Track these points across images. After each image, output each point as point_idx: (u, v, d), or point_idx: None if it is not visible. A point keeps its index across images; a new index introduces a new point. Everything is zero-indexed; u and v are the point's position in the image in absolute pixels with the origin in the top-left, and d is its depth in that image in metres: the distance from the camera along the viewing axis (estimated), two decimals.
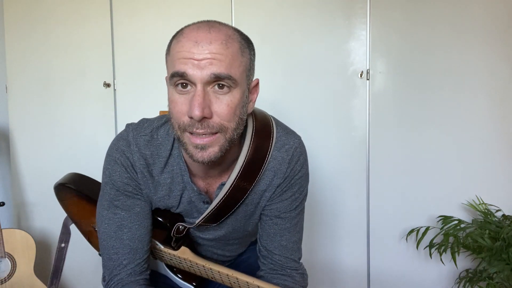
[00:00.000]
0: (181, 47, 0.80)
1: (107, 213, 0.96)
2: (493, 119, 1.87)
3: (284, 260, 1.01)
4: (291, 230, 1.01)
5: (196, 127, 0.80)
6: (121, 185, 0.94)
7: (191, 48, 0.78)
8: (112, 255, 0.96)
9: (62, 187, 1.19)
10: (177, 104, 0.81)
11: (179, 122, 0.82)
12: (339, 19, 1.92)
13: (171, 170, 0.95)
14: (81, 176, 1.24)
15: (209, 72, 0.78)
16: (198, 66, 0.78)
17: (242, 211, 0.99)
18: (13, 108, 2.06)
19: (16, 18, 2.02)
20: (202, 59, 0.78)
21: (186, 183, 0.95)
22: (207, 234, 1.04)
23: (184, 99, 0.81)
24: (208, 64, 0.78)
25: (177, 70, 0.79)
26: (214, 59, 0.78)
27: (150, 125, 0.95)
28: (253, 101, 0.91)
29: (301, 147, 0.98)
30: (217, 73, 0.78)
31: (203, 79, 0.78)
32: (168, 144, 0.94)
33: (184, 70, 0.78)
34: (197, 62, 0.78)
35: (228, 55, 0.79)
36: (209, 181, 0.97)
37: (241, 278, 0.94)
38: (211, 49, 0.78)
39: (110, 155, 0.95)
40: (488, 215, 1.78)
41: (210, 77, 0.78)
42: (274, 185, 0.97)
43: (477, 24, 1.84)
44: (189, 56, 0.78)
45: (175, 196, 0.97)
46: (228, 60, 0.79)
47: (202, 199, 0.96)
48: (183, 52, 0.79)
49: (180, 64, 0.79)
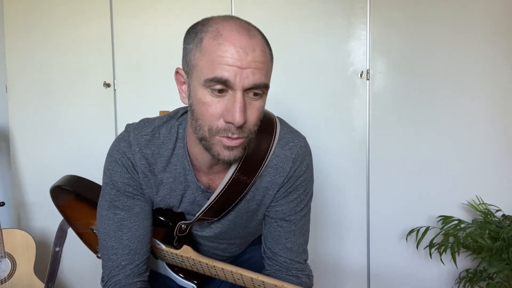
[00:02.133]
0: (224, 51, 0.77)
1: (107, 213, 0.96)
2: (493, 119, 1.87)
3: (290, 262, 1.01)
4: (296, 232, 1.00)
5: (232, 131, 0.80)
6: (122, 185, 0.94)
7: (235, 54, 0.77)
8: (111, 255, 0.96)
9: (58, 189, 1.19)
10: (211, 107, 0.80)
11: (211, 126, 0.81)
12: (339, 19, 1.92)
13: (173, 169, 0.95)
14: (77, 178, 1.23)
15: (252, 81, 0.78)
16: (241, 74, 0.77)
17: (244, 207, 0.99)
18: (13, 108, 2.06)
19: (16, 18, 2.02)
20: (246, 68, 0.77)
21: (190, 181, 0.95)
22: (208, 231, 1.04)
23: (219, 103, 0.79)
24: (251, 74, 0.78)
25: (220, 76, 0.77)
26: (257, 69, 0.78)
27: (151, 124, 0.95)
28: None
29: (306, 147, 0.98)
30: (259, 83, 0.79)
31: (244, 87, 0.78)
32: (170, 143, 0.94)
33: (227, 77, 0.77)
34: (241, 70, 0.77)
35: (266, 63, 0.80)
36: (212, 177, 0.96)
37: (245, 274, 0.95)
38: (255, 57, 0.78)
39: (111, 155, 0.95)
40: (488, 215, 1.78)
41: (252, 86, 0.78)
42: (277, 184, 0.96)
43: (477, 24, 1.84)
44: (234, 63, 0.77)
45: (176, 196, 0.97)
46: (266, 69, 0.81)
47: (206, 196, 0.96)
48: (226, 58, 0.77)
49: (223, 71, 0.77)
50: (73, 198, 1.19)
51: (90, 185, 1.20)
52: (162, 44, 1.98)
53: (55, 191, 1.20)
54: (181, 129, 0.94)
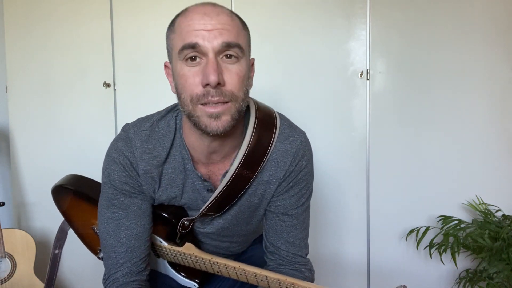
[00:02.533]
0: (189, 20, 0.82)
1: (106, 212, 0.97)
2: (493, 119, 1.87)
3: (292, 256, 1.02)
4: (298, 226, 1.01)
5: (211, 94, 0.81)
6: (119, 184, 0.95)
7: (200, 19, 0.81)
8: (110, 253, 0.97)
9: (60, 188, 1.19)
10: (189, 77, 0.83)
11: (192, 94, 0.83)
12: (339, 19, 1.92)
13: (173, 160, 0.96)
14: (79, 177, 1.23)
15: (220, 41, 0.80)
16: (209, 36, 0.80)
17: (246, 202, 0.99)
18: (13, 108, 2.06)
19: (16, 18, 2.02)
20: (212, 29, 0.81)
21: (189, 171, 0.96)
22: (210, 227, 1.04)
23: (196, 71, 0.82)
24: (218, 34, 0.81)
25: (188, 42, 0.81)
26: (223, 29, 0.81)
27: (150, 119, 0.97)
28: (251, 78, 0.93)
29: (306, 142, 0.99)
30: (228, 42, 0.81)
31: (215, 48, 0.81)
32: (170, 134, 0.95)
33: (195, 41, 0.80)
34: (208, 33, 0.80)
35: (235, 26, 0.84)
36: (211, 168, 0.97)
37: (248, 270, 0.95)
38: (220, 19, 0.81)
39: (109, 155, 0.97)
40: (488, 215, 1.78)
41: (222, 45, 0.81)
42: (278, 177, 0.97)
43: (477, 24, 1.84)
44: (199, 27, 0.81)
45: (177, 185, 0.98)
46: (236, 30, 0.83)
47: (206, 186, 0.97)
48: (192, 24, 0.82)
49: (191, 36, 0.81)
50: (75, 197, 1.19)
51: (92, 184, 1.21)
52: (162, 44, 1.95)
53: (57, 190, 1.20)
54: (178, 119, 0.96)
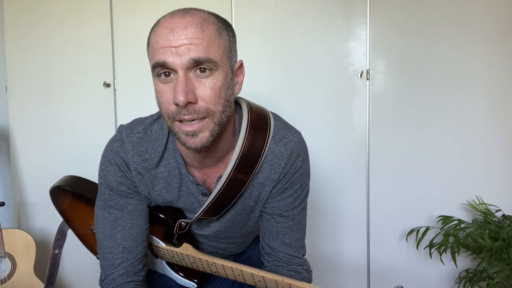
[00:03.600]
0: (157, 36, 0.80)
1: (103, 213, 0.97)
2: (493, 119, 1.87)
3: (289, 257, 1.01)
4: (294, 228, 1.01)
5: (183, 113, 0.80)
6: (115, 184, 0.95)
7: (167, 35, 0.79)
8: (107, 254, 0.97)
9: (58, 190, 1.19)
10: (163, 94, 0.82)
11: (168, 112, 0.82)
12: (339, 19, 1.92)
13: (167, 164, 0.95)
14: (77, 178, 1.23)
15: (188, 57, 0.78)
16: (177, 53, 0.78)
17: (242, 204, 0.99)
18: (13, 108, 2.06)
19: (16, 18, 2.02)
20: (179, 46, 0.78)
21: (183, 175, 0.96)
22: (207, 230, 1.04)
23: (169, 88, 0.81)
24: (186, 50, 0.78)
25: (157, 60, 0.80)
26: (191, 44, 0.78)
27: (143, 122, 0.97)
28: (239, 83, 0.91)
29: (301, 142, 0.98)
30: (196, 58, 0.78)
31: (183, 65, 0.78)
32: (163, 138, 0.95)
33: (163, 59, 0.79)
34: (175, 49, 0.78)
35: (204, 38, 0.79)
36: (205, 172, 0.97)
37: (246, 270, 0.95)
38: (187, 34, 0.78)
39: (104, 156, 0.97)
40: (488, 215, 1.78)
41: (190, 62, 0.78)
42: (273, 180, 0.96)
43: (477, 24, 1.84)
44: (166, 44, 0.78)
45: (173, 189, 0.97)
46: (206, 43, 0.79)
47: (200, 190, 0.96)
48: (160, 41, 0.79)
49: (159, 54, 0.79)
50: (73, 198, 1.20)
51: (89, 185, 1.21)
52: None
53: (55, 191, 1.20)
54: None
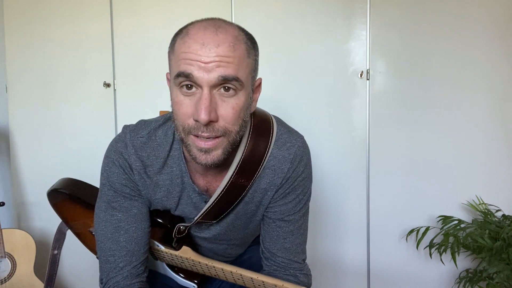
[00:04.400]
0: (187, 47, 0.78)
1: (104, 214, 0.95)
2: (493, 119, 1.87)
3: (288, 262, 1.00)
4: (294, 232, 1.00)
5: (201, 130, 0.79)
6: (119, 186, 0.94)
7: (198, 50, 0.76)
8: (109, 257, 0.95)
9: (55, 193, 1.19)
10: (182, 106, 0.80)
11: (184, 125, 0.81)
12: (339, 19, 1.92)
13: (170, 172, 0.94)
14: (74, 181, 1.23)
15: (217, 74, 0.76)
16: (205, 69, 0.76)
17: (243, 209, 0.98)
18: (13, 108, 2.06)
19: (16, 18, 2.02)
20: (209, 62, 0.76)
21: (186, 184, 0.95)
22: (207, 232, 1.03)
23: (190, 101, 0.79)
24: (215, 67, 0.76)
25: (182, 70, 0.77)
26: (221, 62, 0.76)
27: (148, 126, 0.95)
28: (255, 100, 0.90)
29: (304, 147, 0.97)
30: (225, 75, 0.77)
31: (210, 82, 0.77)
32: (167, 145, 0.93)
33: (190, 71, 0.77)
34: (204, 65, 0.76)
35: (235, 58, 0.78)
36: (209, 179, 0.96)
37: (245, 274, 0.94)
38: (219, 51, 0.76)
39: (108, 156, 0.95)
40: (488, 215, 1.78)
41: (218, 79, 0.77)
42: (276, 184, 0.96)
43: (477, 24, 1.84)
44: (196, 58, 0.76)
45: (173, 198, 0.97)
46: (236, 63, 0.78)
47: (203, 199, 0.96)
48: (189, 53, 0.77)
49: (186, 65, 0.77)
50: (70, 201, 1.19)
51: (86, 187, 1.21)
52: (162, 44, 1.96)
53: (52, 194, 1.19)
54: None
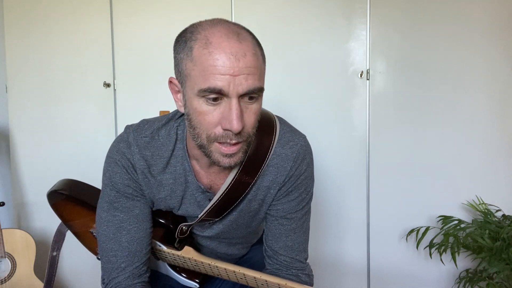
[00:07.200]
0: (214, 60, 0.76)
1: (107, 215, 0.95)
2: (493, 119, 1.87)
3: (290, 260, 1.01)
4: (297, 231, 1.01)
5: (230, 138, 0.80)
6: (122, 186, 0.94)
7: (226, 61, 0.76)
8: (111, 257, 0.96)
9: (55, 194, 1.18)
10: (208, 116, 0.80)
11: (209, 133, 0.81)
12: (339, 19, 1.92)
13: (173, 171, 0.95)
14: (73, 181, 1.23)
15: (246, 87, 0.77)
16: (235, 82, 0.77)
17: (246, 207, 0.99)
18: (13, 108, 2.06)
19: (16, 18, 2.02)
20: (239, 74, 0.77)
21: (190, 182, 0.95)
22: (209, 231, 1.04)
23: (216, 111, 0.79)
24: (243, 80, 0.77)
25: (213, 86, 0.76)
26: (249, 74, 0.77)
27: (151, 126, 0.95)
28: None
29: (306, 146, 0.98)
30: (253, 88, 0.78)
31: (239, 93, 0.77)
32: (170, 144, 0.94)
33: (220, 87, 0.76)
34: (234, 78, 0.76)
35: (258, 67, 0.80)
36: (212, 178, 0.96)
37: (248, 274, 0.95)
38: (246, 62, 0.77)
39: (110, 157, 0.95)
40: (488, 215, 1.78)
41: (246, 92, 0.78)
42: (279, 182, 0.96)
43: (477, 24, 1.84)
44: (226, 72, 0.76)
45: (176, 197, 0.97)
46: (259, 73, 0.80)
47: (207, 197, 0.96)
48: (218, 67, 0.76)
49: (216, 80, 0.76)
50: (70, 202, 1.19)
51: (86, 187, 1.21)
52: (162, 44, 1.98)
53: (52, 195, 1.19)
54: (180, 130, 0.94)
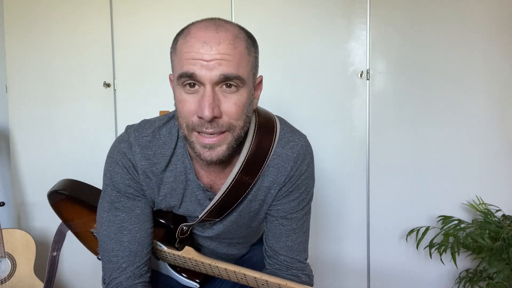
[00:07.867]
0: (189, 47, 0.80)
1: (108, 215, 0.96)
2: (493, 119, 1.87)
3: (290, 260, 1.01)
4: (297, 231, 1.01)
5: (205, 126, 0.81)
6: (122, 186, 0.94)
7: (200, 48, 0.79)
8: (112, 257, 0.96)
9: (55, 194, 1.19)
10: (186, 104, 0.82)
11: (188, 122, 0.83)
12: (339, 19, 1.92)
13: (174, 169, 0.95)
14: (73, 182, 1.23)
15: (218, 72, 0.78)
16: (207, 67, 0.78)
17: (247, 207, 0.99)
18: (13, 108, 2.06)
19: (16, 18, 2.02)
20: (211, 60, 0.78)
21: (191, 181, 0.95)
22: (210, 231, 1.04)
23: (193, 99, 0.81)
24: (217, 65, 0.78)
25: (185, 70, 0.79)
26: (223, 60, 0.79)
27: (152, 125, 0.95)
28: (257, 98, 0.92)
29: (307, 146, 0.99)
30: (226, 74, 0.79)
31: (212, 80, 0.79)
32: (171, 142, 0.94)
33: (193, 71, 0.79)
34: (206, 63, 0.78)
35: (236, 55, 0.80)
36: (212, 177, 0.97)
37: (249, 274, 0.95)
38: (220, 49, 0.79)
39: (111, 157, 0.95)
40: (488, 215, 1.78)
41: (220, 77, 0.79)
42: (279, 183, 0.96)
43: (477, 24, 1.84)
44: (198, 57, 0.79)
45: (177, 195, 0.97)
46: (237, 60, 0.80)
47: (208, 196, 0.97)
48: (191, 53, 0.79)
49: (189, 65, 0.79)
50: (70, 202, 1.19)
51: (86, 187, 1.21)
52: (162, 44, 1.97)
53: (52, 196, 1.19)
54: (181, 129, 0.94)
